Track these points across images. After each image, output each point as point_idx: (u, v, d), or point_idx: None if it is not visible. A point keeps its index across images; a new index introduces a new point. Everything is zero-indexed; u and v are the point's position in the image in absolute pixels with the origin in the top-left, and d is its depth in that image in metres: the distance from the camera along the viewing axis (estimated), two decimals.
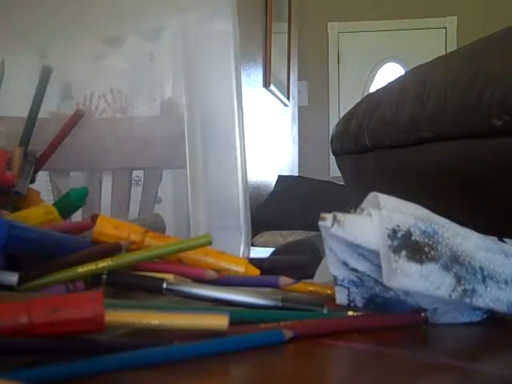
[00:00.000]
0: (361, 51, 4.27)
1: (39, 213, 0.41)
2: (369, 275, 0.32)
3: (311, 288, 0.36)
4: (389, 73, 4.22)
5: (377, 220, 0.31)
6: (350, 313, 0.32)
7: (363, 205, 0.34)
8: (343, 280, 0.33)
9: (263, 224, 2.65)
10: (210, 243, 0.35)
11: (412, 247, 0.31)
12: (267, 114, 3.36)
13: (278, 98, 3.57)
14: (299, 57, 4.20)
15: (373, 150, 0.74)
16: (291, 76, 3.91)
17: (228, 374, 0.26)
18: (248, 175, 0.53)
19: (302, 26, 4.22)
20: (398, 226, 0.31)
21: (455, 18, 4.17)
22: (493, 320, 0.33)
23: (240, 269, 0.37)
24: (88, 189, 0.48)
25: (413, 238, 0.31)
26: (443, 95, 0.59)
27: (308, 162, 4.24)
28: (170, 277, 0.34)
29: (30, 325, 0.23)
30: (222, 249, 0.38)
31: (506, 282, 0.32)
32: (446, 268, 0.31)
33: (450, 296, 0.31)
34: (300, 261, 0.47)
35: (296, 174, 4.08)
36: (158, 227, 0.48)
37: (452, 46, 4.06)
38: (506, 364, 0.27)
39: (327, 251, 0.33)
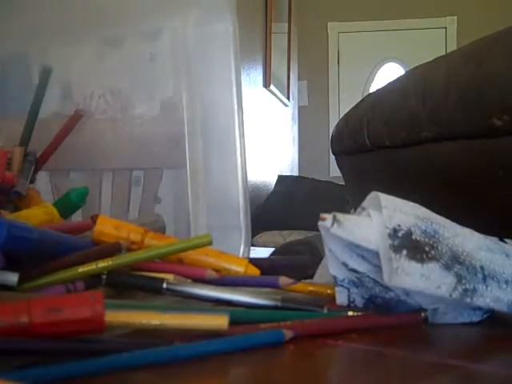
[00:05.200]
0: (361, 51, 4.27)
1: (39, 213, 0.41)
2: (368, 276, 0.32)
3: (311, 288, 0.36)
4: (389, 73, 4.22)
5: (376, 220, 0.31)
6: (350, 313, 0.32)
7: (364, 204, 0.34)
8: (343, 280, 0.33)
9: (263, 224, 2.65)
10: (210, 243, 0.35)
11: (413, 246, 0.31)
12: (267, 114, 3.36)
13: (278, 98, 3.57)
14: (299, 57, 4.20)
15: (373, 149, 0.74)
16: (291, 76, 3.91)
17: (228, 374, 0.26)
18: (248, 175, 0.53)
19: (302, 25, 4.22)
20: (398, 225, 0.31)
21: (455, 18, 4.17)
22: (493, 320, 0.33)
23: (240, 269, 0.37)
24: (88, 189, 0.48)
25: (413, 237, 0.31)
26: (443, 95, 0.59)
27: (308, 162, 4.24)
28: (169, 277, 0.34)
29: (29, 325, 0.23)
30: (222, 249, 0.38)
31: (507, 282, 0.32)
32: (447, 267, 0.31)
33: (451, 295, 0.31)
34: (300, 261, 0.47)
35: (296, 174, 4.08)
36: (157, 227, 0.48)
37: (452, 46, 4.06)
38: (506, 364, 0.27)
39: (327, 251, 0.33)
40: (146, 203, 0.66)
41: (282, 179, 3.37)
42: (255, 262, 0.39)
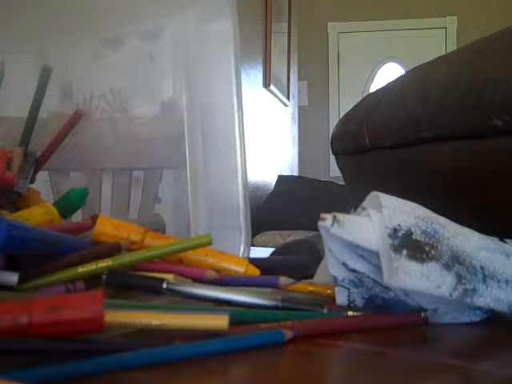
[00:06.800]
0: (361, 51, 4.27)
1: (39, 213, 0.41)
2: (368, 276, 0.32)
3: (311, 288, 0.36)
4: (389, 73, 4.22)
5: (376, 220, 0.31)
6: (350, 313, 0.32)
7: (364, 204, 0.34)
8: (343, 280, 0.33)
9: (263, 224, 2.65)
10: (210, 243, 0.35)
11: (413, 246, 0.31)
12: (267, 114, 3.36)
13: (278, 98, 3.57)
14: (299, 57, 4.20)
15: (373, 149, 0.74)
16: (291, 76, 3.91)
17: (228, 374, 0.26)
18: (248, 175, 0.53)
19: (302, 26, 4.22)
20: (398, 225, 0.31)
21: (455, 18, 4.17)
22: (493, 320, 0.33)
23: (240, 269, 0.37)
24: (88, 189, 0.48)
25: (413, 237, 0.31)
26: (443, 95, 0.59)
27: (308, 162, 4.24)
28: (169, 277, 0.34)
29: (29, 325, 0.23)
30: (222, 249, 0.38)
31: (507, 282, 0.32)
32: (447, 267, 0.31)
33: (451, 295, 0.31)
34: (300, 261, 0.47)
35: (296, 173, 4.08)
36: (157, 227, 0.48)
37: (452, 46, 4.06)
38: (507, 364, 0.27)
39: (327, 251, 0.33)
40: (146, 203, 0.66)
41: (281, 179, 3.37)
42: (255, 262, 0.39)
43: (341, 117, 0.88)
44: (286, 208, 2.93)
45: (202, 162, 0.53)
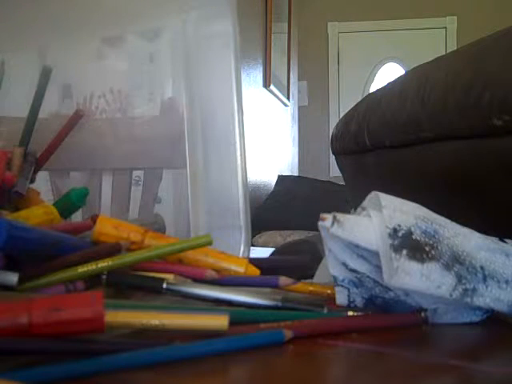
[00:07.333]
0: (361, 51, 4.27)
1: (39, 213, 0.41)
2: (368, 276, 0.32)
3: (311, 288, 0.36)
4: (389, 73, 4.22)
5: (376, 221, 0.32)
6: (350, 313, 0.32)
7: (364, 204, 0.34)
8: (343, 280, 0.33)
9: (263, 224, 2.65)
10: (210, 243, 0.35)
11: (413, 246, 0.31)
12: (267, 114, 3.36)
13: (277, 98, 3.57)
14: (299, 57, 4.20)
15: (373, 149, 0.74)
16: (291, 76, 3.91)
17: (228, 374, 0.26)
18: (248, 175, 0.53)
19: (302, 25, 4.22)
20: (398, 225, 0.31)
21: (455, 18, 4.17)
22: (493, 320, 0.33)
23: (240, 269, 0.37)
24: (88, 189, 0.48)
25: (413, 237, 0.31)
26: (443, 95, 0.59)
27: (308, 162, 4.24)
28: (169, 277, 0.34)
29: (29, 325, 0.23)
30: (222, 249, 0.38)
31: (507, 282, 0.32)
32: (447, 267, 0.31)
33: (451, 295, 0.31)
34: (300, 261, 0.47)
35: (296, 174, 4.08)
36: (157, 227, 0.48)
37: (452, 46, 4.06)
38: (507, 364, 0.27)
39: (327, 251, 0.33)
40: (145, 203, 0.66)
41: (282, 179, 3.37)
42: (255, 262, 0.39)
43: (341, 117, 0.88)
44: (286, 208, 2.93)
45: (202, 162, 0.53)
